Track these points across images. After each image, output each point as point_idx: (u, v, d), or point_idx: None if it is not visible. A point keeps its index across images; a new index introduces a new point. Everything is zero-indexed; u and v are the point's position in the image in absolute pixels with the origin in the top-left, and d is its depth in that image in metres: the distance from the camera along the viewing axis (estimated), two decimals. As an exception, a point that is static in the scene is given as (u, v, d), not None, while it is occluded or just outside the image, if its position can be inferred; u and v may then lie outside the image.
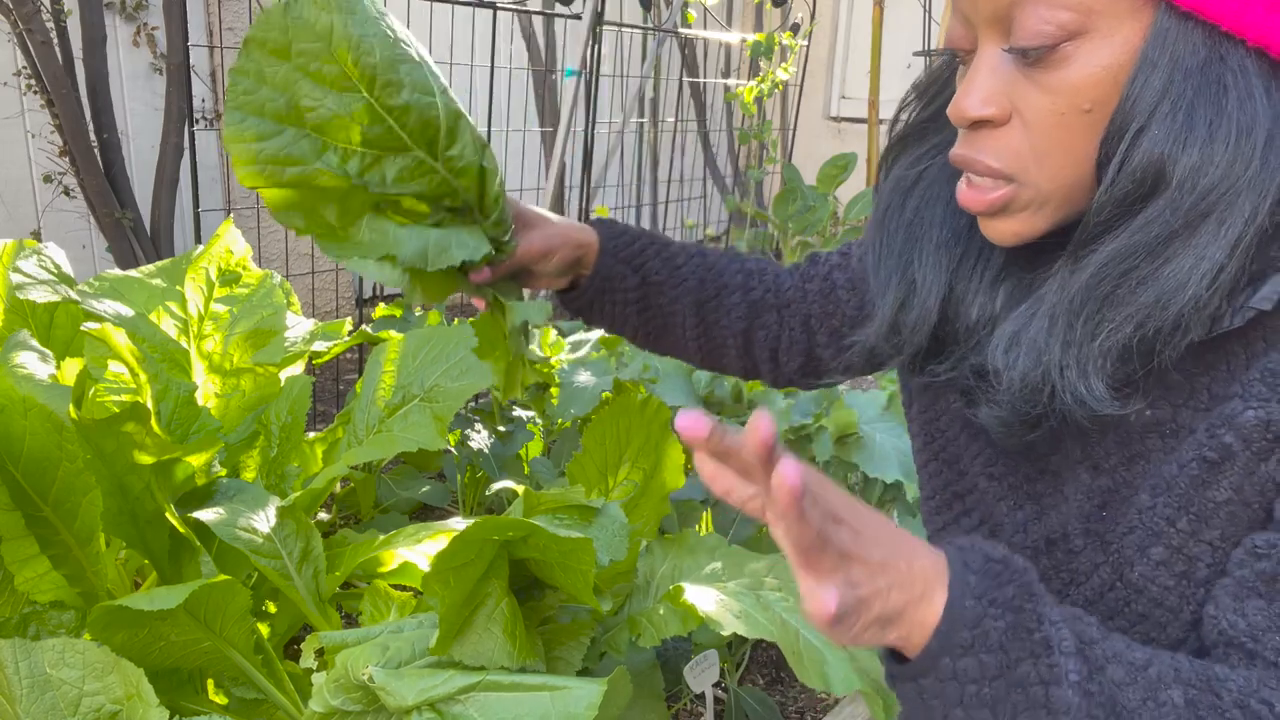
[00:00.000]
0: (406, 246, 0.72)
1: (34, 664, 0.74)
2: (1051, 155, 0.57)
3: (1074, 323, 0.57)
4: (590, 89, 3.26)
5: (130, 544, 1.10)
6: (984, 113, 0.58)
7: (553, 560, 0.74)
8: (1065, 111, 0.56)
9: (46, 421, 0.93)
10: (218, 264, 1.37)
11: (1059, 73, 0.55)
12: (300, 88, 0.67)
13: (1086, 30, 0.54)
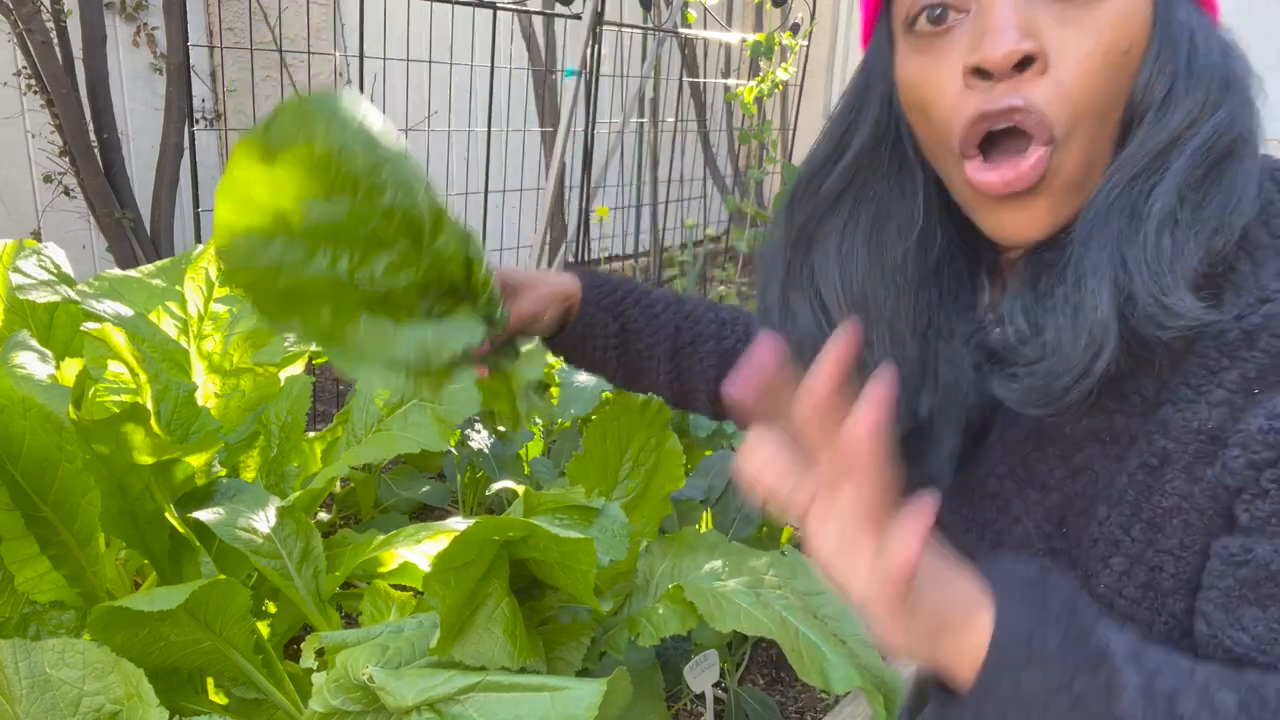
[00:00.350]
0: (406, 346, 0.74)
1: (34, 664, 0.74)
2: (1092, 104, 0.54)
3: (1159, 235, 0.53)
4: (590, 89, 3.26)
5: (130, 544, 1.10)
6: (1027, 46, 0.53)
7: (553, 560, 0.74)
8: (1109, 53, 0.53)
9: (46, 422, 0.93)
10: (217, 264, 1.37)
11: (1102, 9, 0.53)
12: (286, 198, 0.69)
13: None
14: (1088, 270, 0.55)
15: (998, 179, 0.57)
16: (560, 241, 3.54)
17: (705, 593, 0.92)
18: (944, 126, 0.59)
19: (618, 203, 4.24)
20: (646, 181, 4.08)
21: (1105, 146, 0.56)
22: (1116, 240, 0.54)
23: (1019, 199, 0.57)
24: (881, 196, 0.67)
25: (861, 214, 0.67)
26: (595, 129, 3.38)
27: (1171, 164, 0.54)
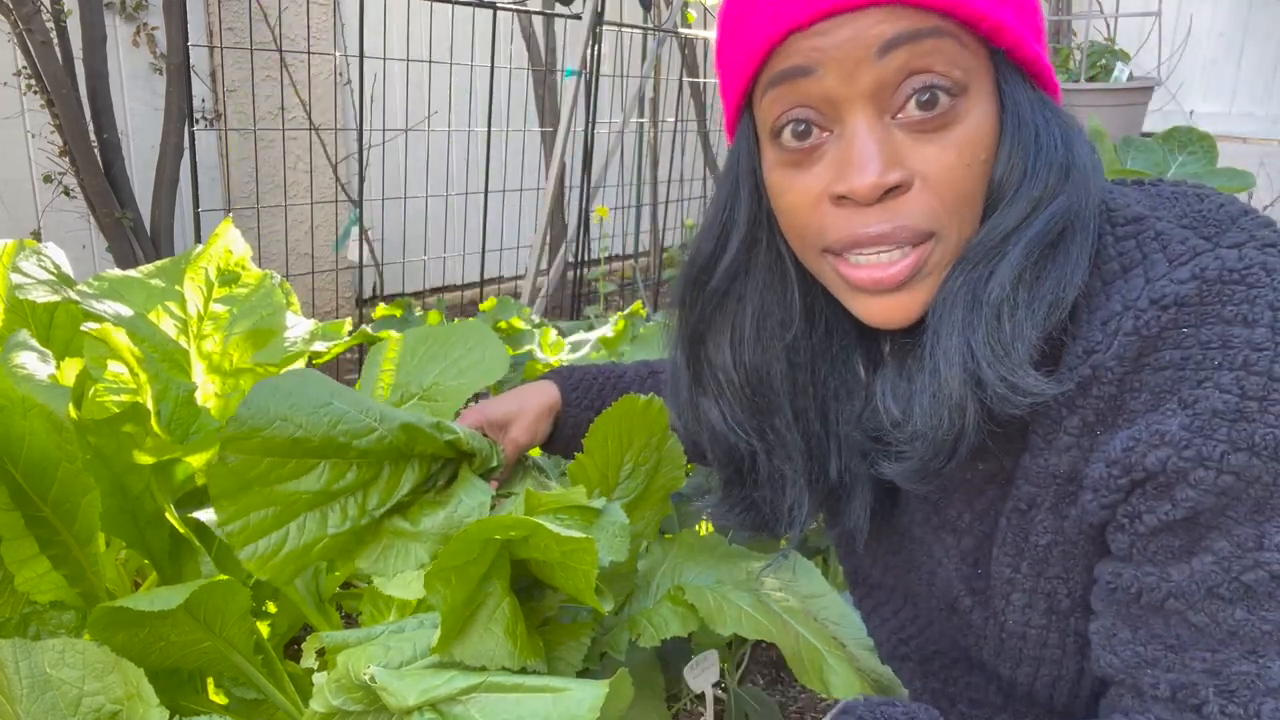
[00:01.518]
0: (429, 542, 0.81)
1: (34, 664, 0.74)
2: (963, 206, 0.59)
3: (999, 321, 0.58)
4: (590, 89, 3.26)
5: (130, 544, 1.10)
6: (893, 177, 0.58)
7: (554, 560, 0.74)
8: (970, 163, 0.58)
9: (46, 421, 0.93)
10: (217, 264, 1.37)
11: (958, 129, 0.58)
12: (278, 488, 0.75)
13: (968, 87, 0.58)
14: (940, 357, 0.59)
15: (866, 278, 0.61)
16: (560, 241, 3.54)
17: (706, 594, 0.92)
18: (812, 235, 0.63)
19: (618, 203, 4.24)
20: (646, 181, 4.08)
21: (978, 218, 0.61)
22: (962, 327, 0.58)
23: (903, 286, 0.61)
24: (762, 292, 0.70)
25: (747, 309, 0.71)
26: (595, 129, 3.38)
27: (1009, 252, 0.58)
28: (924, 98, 0.57)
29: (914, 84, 0.57)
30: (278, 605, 1.25)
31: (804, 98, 0.59)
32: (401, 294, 3.75)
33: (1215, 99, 4.80)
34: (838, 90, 0.58)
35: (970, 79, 0.58)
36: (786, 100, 0.60)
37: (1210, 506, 0.54)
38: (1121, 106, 3.87)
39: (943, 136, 0.58)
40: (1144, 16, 4.11)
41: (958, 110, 0.58)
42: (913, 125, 0.58)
